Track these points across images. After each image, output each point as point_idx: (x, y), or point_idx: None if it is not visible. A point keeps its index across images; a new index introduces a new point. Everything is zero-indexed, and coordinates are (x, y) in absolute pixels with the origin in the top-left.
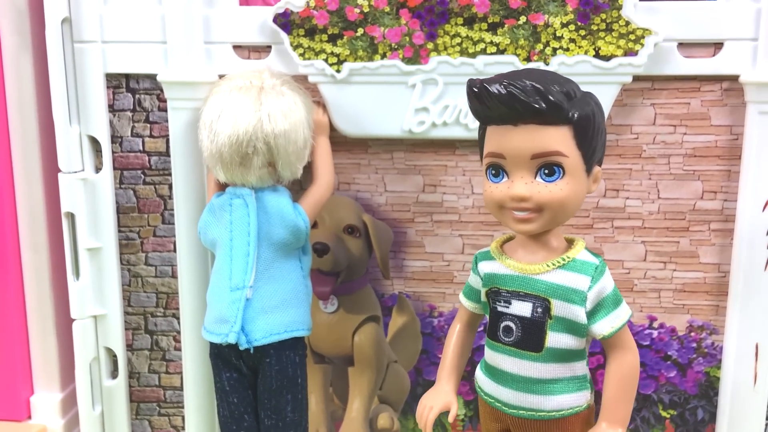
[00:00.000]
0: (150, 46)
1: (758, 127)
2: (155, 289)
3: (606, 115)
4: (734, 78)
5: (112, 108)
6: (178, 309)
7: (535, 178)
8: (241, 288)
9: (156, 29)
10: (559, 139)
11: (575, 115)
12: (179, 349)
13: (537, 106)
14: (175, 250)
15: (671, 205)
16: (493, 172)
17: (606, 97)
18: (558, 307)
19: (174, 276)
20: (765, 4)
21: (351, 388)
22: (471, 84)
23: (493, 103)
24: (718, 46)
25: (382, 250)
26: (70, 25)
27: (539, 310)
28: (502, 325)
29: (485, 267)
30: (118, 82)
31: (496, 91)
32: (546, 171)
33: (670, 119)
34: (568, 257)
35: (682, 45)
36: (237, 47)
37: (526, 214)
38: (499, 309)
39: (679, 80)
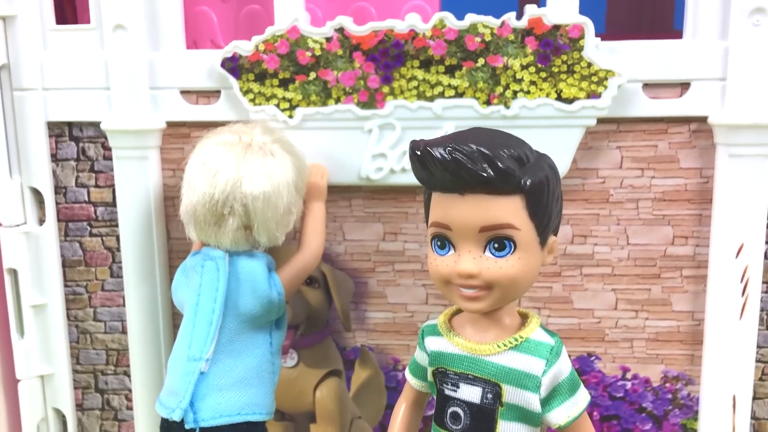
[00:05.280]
0: (93, 92)
1: (729, 169)
2: (105, 345)
3: (571, 159)
4: (703, 119)
5: (54, 157)
6: (129, 366)
7: (484, 252)
8: (198, 359)
9: (99, 75)
10: (509, 211)
11: (527, 183)
12: (131, 409)
13: (485, 174)
14: (124, 305)
15: (641, 251)
16: (439, 243)
17: (570, 141)
18: (510, 393)
19: (124, 332)
20: (732, 43)
21: None
22: (413, 146)
23: (437, 170)
24: (684, 86)
25: (343, 301)
26: (9, 72)
27: (489, 396)
28: (450, 410)
29: (432, 344)
30: (60, 131)
31: (439, 156)
32: (496, 245)
33: (638, 162)
34: (521, 337)
35: (647, 86)
36: (185, 92)
37: (474, 292)
38: (447, 392)
39: (645, 122)
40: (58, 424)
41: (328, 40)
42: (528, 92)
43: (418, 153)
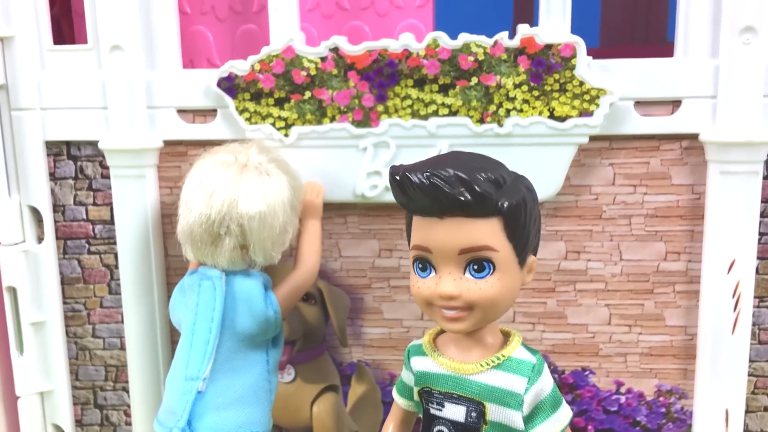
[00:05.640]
0: (90, 112)
1: (720, 186)
2: (104, 362)
3: (564, 176)
4: (694, 136)
5: (53, 176)
6: (128, 382)
7: (464, 273)
8: (195, 379)
9: (96, 95)
10: (487, 233)
11: (504, 205)
12: (130, 424)
13: (462, 198)
14: (123, 321)
15: (634, 267)
16: (420, 266)
17: (563, 158)
18: (493, 412)
19: (123, 348)
20: (723, 62)
21: None
22: (393, 172)
23: (416, 194)
24: (676, 104)
25: (339, 317)
26: (7, 92)
27: (473, 414)
28: (435, 429)
29: (417, 364)
30: (58, 150)
31: (417, 181)
32: (475, 266)
33: (630, 179)
34: (504, 355)
35: (639, 103)
36: (181, 111)
37: (455, 313)
38: (432, 411)
39: (637, 139)
40: None
41: (323, 59)
42: (521, 110)
43: (397, 178)
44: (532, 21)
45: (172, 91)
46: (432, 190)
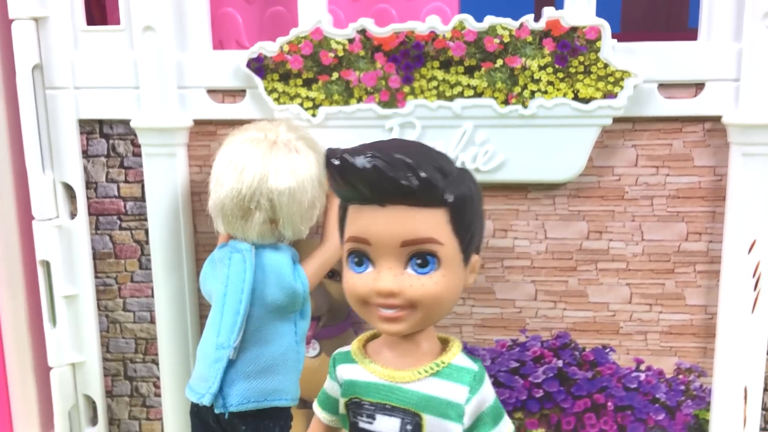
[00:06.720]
0: (123, 91)
1: (742, 168)
2: (134, 334)
3: (587, 157)
4: (716, 119)
5: (86, 154)
6: (157, 355)
7: (405, 268)
8: (226, 347)
9: (128, 74)
10: (432, 224)
11: (451, 196)
12: (159, 395)
13: (406, 183)
14: (153, 296)
15: (656, 247)
16: (356, 260)
17: (586, 140)
18: (431, 424)
19: (152, 321)
20: (746, 45)
21: None
22: (330, 155)
23: (356, 179)
24: (699, 86)
25: None
26: (42, 71)
27: (409, 427)
28: None
29: (344, 372)
30: (91, 128)
31: (360, 165)
32: (419, 261)
33: (653, 160)
34: (443, 362)
35: (662, 86)
36: (211, 91)
37: (394, 312)
38: (361, 425)
39: (660, 121)
40: (88, 411)
41: (351, 41)
42: (545, 92)
43: (336, 162)
44: (554, 5)
45: (202, 72)
46: (374, 174)
